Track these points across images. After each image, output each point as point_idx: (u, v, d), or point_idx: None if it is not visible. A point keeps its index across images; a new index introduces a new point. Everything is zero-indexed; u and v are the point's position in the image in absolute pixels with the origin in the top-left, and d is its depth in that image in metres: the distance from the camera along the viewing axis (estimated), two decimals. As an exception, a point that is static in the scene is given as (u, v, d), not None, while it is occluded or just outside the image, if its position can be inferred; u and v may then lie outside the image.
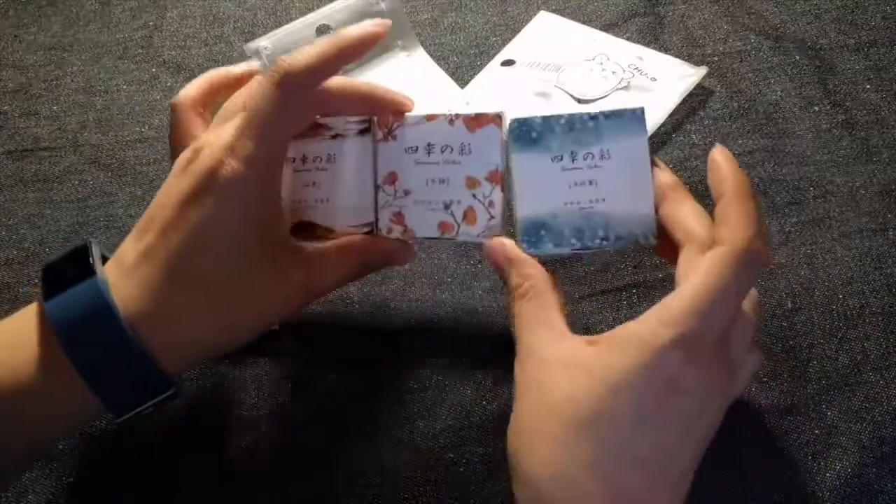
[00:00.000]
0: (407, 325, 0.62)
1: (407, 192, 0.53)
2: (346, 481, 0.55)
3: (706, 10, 0.81)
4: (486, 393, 0.57)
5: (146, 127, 0.79)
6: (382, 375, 0.59)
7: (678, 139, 0.71)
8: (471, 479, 0.54)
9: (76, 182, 0.76)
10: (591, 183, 0.51)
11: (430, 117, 0.54)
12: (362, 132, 0.55)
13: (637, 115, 0.53)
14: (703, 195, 0.66)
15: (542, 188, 0.51)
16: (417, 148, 0.54)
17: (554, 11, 0.83)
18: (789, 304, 0.59)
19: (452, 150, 0.53)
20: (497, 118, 0.52)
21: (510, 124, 0.52)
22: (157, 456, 0.57)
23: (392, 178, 0.54)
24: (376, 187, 0.54)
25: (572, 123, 0.52)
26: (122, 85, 0.84)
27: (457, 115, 0.53)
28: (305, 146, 0.56)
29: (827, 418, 0.54)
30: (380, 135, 0.55)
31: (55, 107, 0.82)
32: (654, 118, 0.71)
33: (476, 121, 0.53)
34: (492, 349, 0.60)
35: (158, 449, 0.58)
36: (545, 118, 0.52)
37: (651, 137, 0.71)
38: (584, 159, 0.51)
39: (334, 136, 0.55)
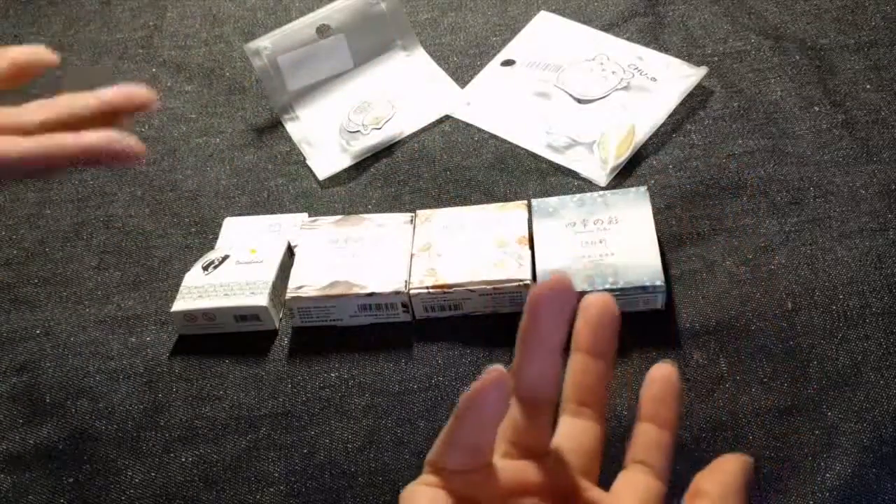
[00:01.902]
0: (407, 326, 0.62)
1: (440, 255, 0.62)
2: (347, 481, 0.55)
3: (706, 10, 0.81)
4: (486, 393, 0.57)
5: (146, 127, 0.79)
6: (383, 376, 0.59)
7: (678, 139, 0.70)
8: (471, 479, 0.54)
9: (76, 182, 0.76)
10: (601, 242, 0.60)
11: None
12: (404, 223, 0.65)
13: (641, 192, 0.63)
14: (704, 195, 0.66)
15: (558, 247, 0.60)
16: (451, 226, 0.64)
17: (554, 11, 0.83)
18: (789, 305, 0.59)
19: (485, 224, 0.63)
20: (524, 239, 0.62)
21: (532, 203, 0.64)
22: (156, 456, 0.57)
23: (426, 248, 0.63)
24: (411, 256, 0.62)
25: (583, 200, 0.63)
26: (122, 85, 0.84)
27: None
28: (351, 230, 0.64)
29: (827, 418, 0.54)
30: (419, 220, 0.65)
31: (55, 107, 0.82)
32: (654, 118, 0.71)
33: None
34: (492, 350, 0.60)
35: (158, 449, 0.58)
36: (560, 198, 0.64)
37: (651, 137, 0.71)
38: (595, 224, 0.61)
39: (378, 225, 0.65)
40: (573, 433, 0.35)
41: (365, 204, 0.70)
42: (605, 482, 0.34)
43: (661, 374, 0.35)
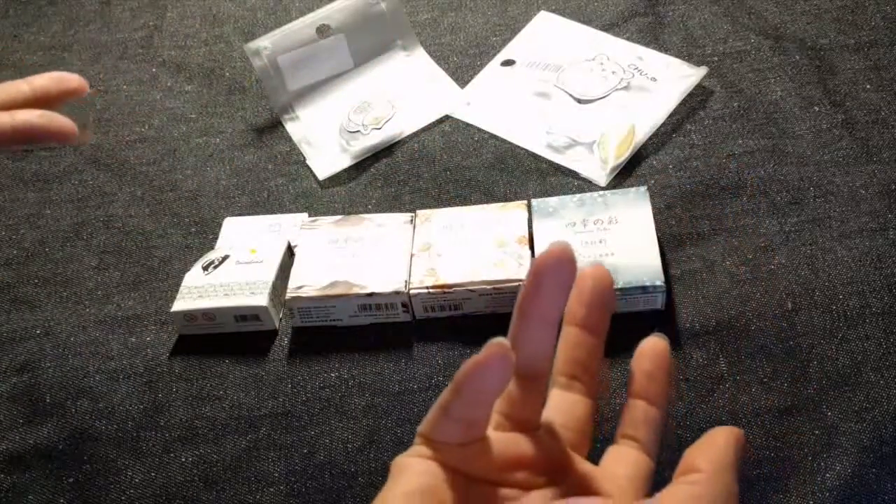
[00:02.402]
0: (407, 326, 0.62)
1: (440, 255, 0.61)
2: (347, 481, 0.55)
3: (706, 10, 0.81)
4: (486, 393, 0.57)
5: (146, 127, 0.79)
6: (383, 376, 0.59)
7: (678, 139, 0.70)
8: (471, 479, 0.54)
9: (76, 182, 0.76)
10: (601, 242, 0.60)
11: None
12: (404, 223, 0.65)
13: (641, 192, 0.63)
14: (704, 195, 0.66)
15: None
16: (451, 226, 0.64)
17: (554, 11, 0.83)
18: (789, 305, 0.59)
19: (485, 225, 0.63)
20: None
21: (532, 203, 0.64)
22: (156, 456, 0.57)
23: (426, 248, 0.62)
24: (411, 256, 0.62)
25: (583, 200, 0.63)
26: (122, 85, 0.84)
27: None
28: (351, 230, 0.64)
29: (827, 418, 0.54)
30: (419, 220, 0.64)
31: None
32: (654, 118, 0.71)
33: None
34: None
35: (158, 449, 0.58)
36: (560, 198, 0.64)
37: (651, 137, 0.71)
38: (595, 224, 0.61)
39: (378, 225, 0.64)
40: (563, 407, 0.35)
41: (365, 204, 0.70)
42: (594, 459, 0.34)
43: (651, 349, 0.35)
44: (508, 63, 0.79)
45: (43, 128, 0.51)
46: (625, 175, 0.68)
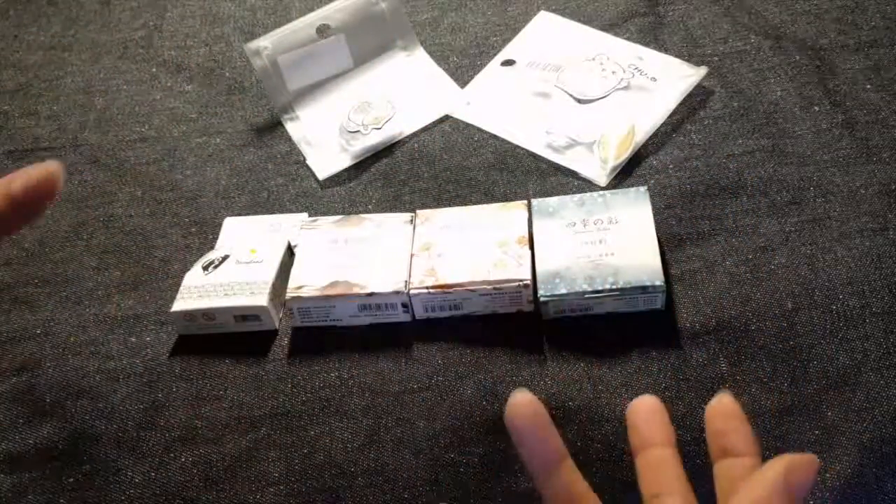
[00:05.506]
0: (407, 326, 0.62)
1: (440, 255, 0.61)
2: (347, 481, 0.55)
3: (706, 10, 0.81)
4: (486, 393, 0.57)
5: (146, 127, 0.79)
6: (383, 376, 0.59)
7: (678, 139, 0.70)
8: (471, 479, 0.54)
9: (76, 182, 0.76)
10: (601, 242, 0.60)
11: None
12: (404, 223, 0.65)
13: (641, 192, 0.63)
14: (704, 195, 0.66)
15: (558, 247, 0.60)
16: (451, 226, 0.64)
17: (554, 11, 0.83)
18: (789, 305, 0.59)
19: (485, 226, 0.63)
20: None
21: (532, 203, 0.64)
22: (156, 456, 0.57)
23: (426, 247, 0.62)
24: (411, 256, 0.62)
25: (583, 200, 0.63)
26: (122, 85, 0.84)
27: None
28: (351, 230, 0.64)
29: (827, 418, 0.54)
30: (419, 220, 0.64)
31: (55, 107, 0.82)
32: (654, 118, 0.71)
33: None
34: (491, 350, 0.60)
35: (158, 449, 0.58)
36: (560, 198, 0.64)
37: (651, 137, 0.71)
38: (595, 224, 0.62)
39: (378, 225, 0.65)
40: None
41: (365, 204, 0.70)
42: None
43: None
44: (508, 63, 0.79)
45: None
46: (625, 175, 0.68)
